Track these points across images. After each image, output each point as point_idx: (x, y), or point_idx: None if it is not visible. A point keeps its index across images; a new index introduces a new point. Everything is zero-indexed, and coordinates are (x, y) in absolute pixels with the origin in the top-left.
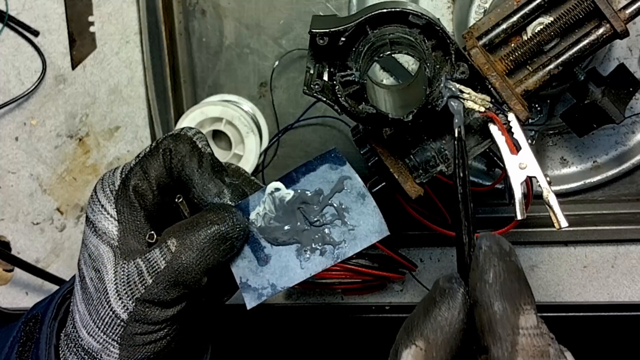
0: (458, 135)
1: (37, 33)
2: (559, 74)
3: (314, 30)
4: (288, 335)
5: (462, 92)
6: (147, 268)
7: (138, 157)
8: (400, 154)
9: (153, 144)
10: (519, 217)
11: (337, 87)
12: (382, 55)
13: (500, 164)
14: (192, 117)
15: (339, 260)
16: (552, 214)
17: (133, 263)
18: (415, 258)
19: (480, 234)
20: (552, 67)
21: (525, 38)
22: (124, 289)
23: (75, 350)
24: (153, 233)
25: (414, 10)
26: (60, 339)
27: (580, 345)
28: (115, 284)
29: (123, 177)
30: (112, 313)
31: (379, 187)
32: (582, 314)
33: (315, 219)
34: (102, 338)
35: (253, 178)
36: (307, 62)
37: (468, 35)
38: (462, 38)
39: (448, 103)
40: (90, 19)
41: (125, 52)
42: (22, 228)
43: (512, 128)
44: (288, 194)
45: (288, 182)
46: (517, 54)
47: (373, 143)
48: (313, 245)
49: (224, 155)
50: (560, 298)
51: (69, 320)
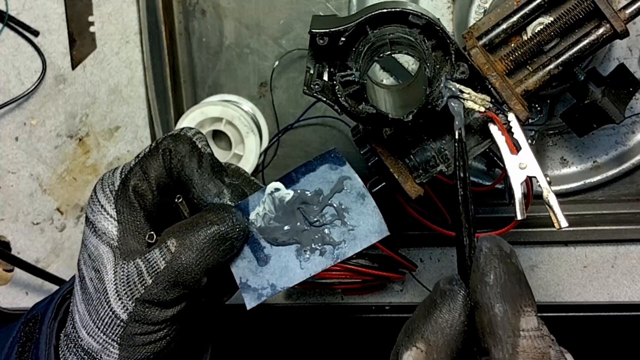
0: (459, 137)
1: (37, 33)
2: (559, 74)
3: (314, 30)
4: (288, 335)
5: (462, 92)
6: (146, 268)
7: (138, 157)
8: (400, 154)
9: (153, 144)
10: (519, 217)
11: (337, 87)
12: (382, 55)
13: (500, 164)
14: (192, 117)
15: (339, 261)
16: (552, 214)
17: (133, 263)
18: (415, 258)
19: (481, 236)
20: (552, 67)
21: (525, 38)
22: (124, 289)
23: (75, 351)
24: (153, 233)
25: (414, 10)
26: (60, 340)
27: (580, 345)
28: (115, 284)
29: (123, 177)
30: (111, 313)
31: (379, 187)
32: (582, 314)
33: (315, 219)
34: (101, 338)
35: (253, 178)
36: (307, 62)
37: (468, 35)
38: (462, 38)
39: (448, 103)
40: (90, 19)
41: (125, 52)
42: (22, 228)
43: (512, 128)
44: (288, 194)
45: (288, 182)
46: (517, 54)
47: (373, 143)
48: (313, 246)
49: (224, 155)
50: (560, 298)
51: (69, 321)
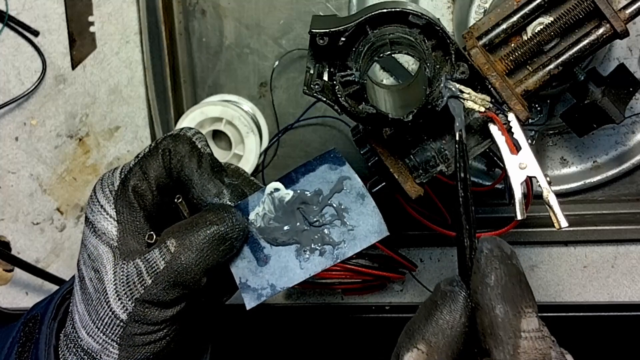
0: (459, 138)
1: (37, 33)
2: (559, 74)
3: (314, 30)
4: (288, 335)
5: (462, 92)
6: (146, 268)
7: (137, 157)
8: (400, 154)
9: (152, 144)
10: (519, 217)
11: (337, 87)
12: (382, 55)
13: (500, 164)
14: (192, 117)
15: (339, 261)
16: (552, 214)
17: (132, 263)
18: (415, 258)
19: (482, 237)
20: (552, 67)
21: (525, 38)
22: (123, 290)
23: (75, 351)
24: (152, 233)
25: (414, 10)
26: (60, 340)
27: (580, 346)
28: (115, 285)
29: (122, 177)
30: (111, 313)
31: (379, 187)
32: (582, 314)
33: (315, 219)
34: (101, 338)
35: (252, 178)
36: (307, 62)
37: (468, 35)
38: (462, 38)
39: (448, 103)
40: (90, 19)
41: (125, 52)
42: (22, 228)
43: (512, 128)
44: (287, 194)
45: (287, 182)
46: (517, 54)
47: (373, 143)
48: (312, 246)
49: (224, 155)
50: (560, 298)
51: (69, 321)
